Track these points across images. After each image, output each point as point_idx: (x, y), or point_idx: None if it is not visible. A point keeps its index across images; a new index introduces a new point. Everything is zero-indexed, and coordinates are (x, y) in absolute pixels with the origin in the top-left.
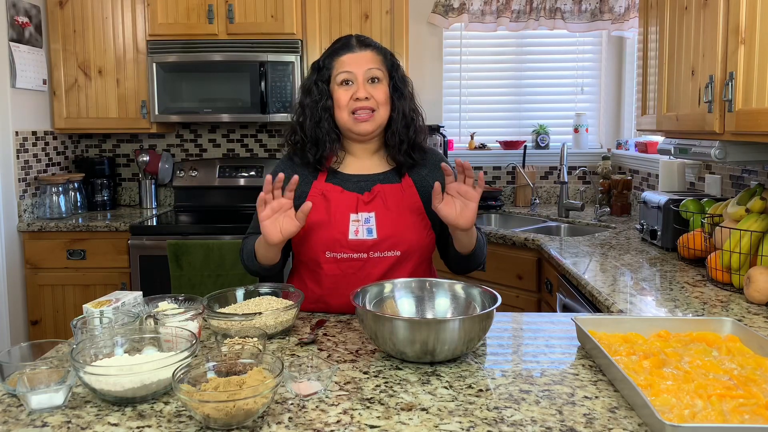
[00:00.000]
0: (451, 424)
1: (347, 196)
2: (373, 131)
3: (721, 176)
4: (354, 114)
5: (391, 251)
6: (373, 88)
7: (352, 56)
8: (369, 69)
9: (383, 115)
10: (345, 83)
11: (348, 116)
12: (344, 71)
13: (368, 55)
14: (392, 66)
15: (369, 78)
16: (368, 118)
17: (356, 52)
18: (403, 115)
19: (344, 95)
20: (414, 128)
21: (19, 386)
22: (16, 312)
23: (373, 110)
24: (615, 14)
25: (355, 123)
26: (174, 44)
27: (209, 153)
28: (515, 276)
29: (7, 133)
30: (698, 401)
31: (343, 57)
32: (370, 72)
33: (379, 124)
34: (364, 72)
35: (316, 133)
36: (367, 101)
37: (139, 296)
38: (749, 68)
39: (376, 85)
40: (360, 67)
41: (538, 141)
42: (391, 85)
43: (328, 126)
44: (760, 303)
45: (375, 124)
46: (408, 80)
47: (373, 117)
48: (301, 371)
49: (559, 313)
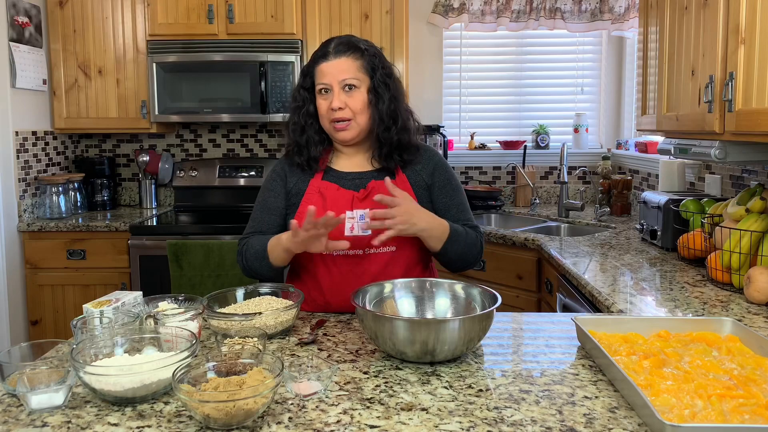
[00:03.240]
0: (451, 424)
1: (343, 193)
2: (353, 138)
3: (721, 176)
4: (333, 123)
5: (386, 247)
6: (349, 97)
7: (327, 65)
8: (343, 79)
9: (361, 122)
10: (322, 92)
11: (329, 125)
12: (321, 81)
13: (343, 63)
14: (373, 69)
15: (344, 86)
16: (346, 127)
17: (331, 60)
18: (380, 119)
19: (323, 104)
20: (396, 130)
21: (19, 386)
22: (16, 312)
23: (350, 119)
24: (615, 14)
25: (334, 131)
26: (174, 44)
27: (209, 153)
28: (515, 276)
29: (7, 133)
30: (698, 401)
31: (321, 66)
32: (345, 81)
33: (358, 132)
34: (338, 81)
35: (301, 138)
36: (342, 111)
37: (139, 296)
38: (749, 68)
39: (352, 93)
40: (334, 76)
41: (538, 141)
42: (371, 89)
43: (312, 131)
44: (760, 303)
45: (353, 132)
46: (392, 81)
47: (350, 125)
48: (301, 371)
49: (559, 313)
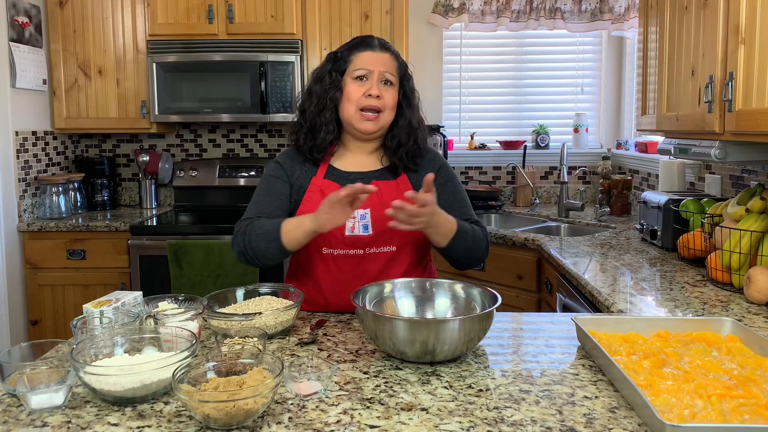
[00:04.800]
0: (451, 424)
1: None
2: (375, 132)
3: (721, 176)
4: (362, 111)
5: (386, 247)
6: (385, 90)
7: (372, 54)
8: (385, 71)
9: (387, 118)
10: (360, 79)
11: (355, 111)
12: (362, 67)
13: (386, 57)
14: (404, 75)
15: (383, 80)
16: (374, 118)
17: (376, 51)
18: (409, 124)
19: (357, 90)
20: (415, 138)
21: (19, 386)
22: (16, 312)
23: (380, 111)
24: (615, 14)
25: (360, 120)
26: (174, 44)
27: (209, 153)
28: (515, 276)
29: (7, 133)
30: (698, 401)
31: (363, 53)
32: (385, 74)
33: (381, 126)
34: (380, 72)
35: (316, 120)
36: (378, 100)
37: (139, 296)
38: (749, 68)
39: (388, 88)
40: (378, 66)
41: (538, 141)
42: (401, 93)
43: (329, 116)
44: (760, 303)
45: (378, 125)
46: (416, 92)
47: (378, 118)
48: (301, 371)
49: (559, 313)
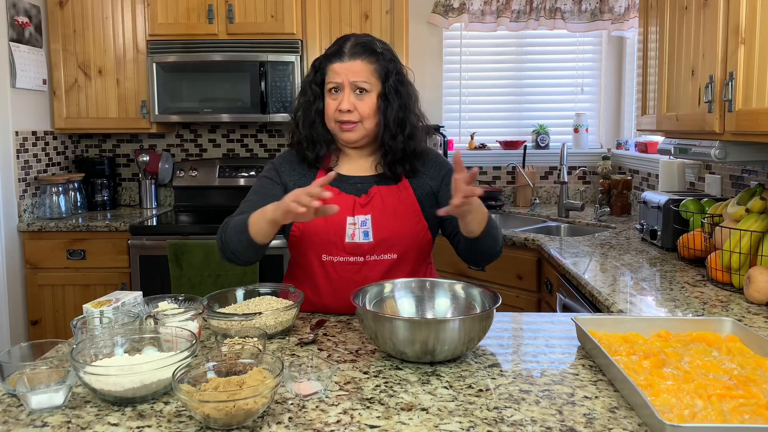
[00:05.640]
0: (451, 424)
1: (344, 198)
2: (358, 140)
3: (721, 176)
4: (339, 123)
5: (387, 254)
6: (359, 100)
7: (340, 66)
8: (356, 80)
9: (369, 126)
10: (333, 91)
11: (334, 124)
12: (332, 80)
13: (357, 65)
14: (386, 74)
15: (356, 89)
16: (352, 128)
17: (345, 61)
18: (386, 126)
19: (331, 104)
20: (402, 138)
21: (19, 386)
22: (16, 312)
23: (357, 122)
24: (615, 14)
25: (340, 131)
26: (174, 44)
27: (209, 153)
28: (515, 276)
29: (7, 133)
30: (698, 401)
31: (334, 65)
32: (357, 83)
33: (363, 135)
34: (350, 83)
35: (311, 133)
36: (350, 114)
37: (139, 296)
38: (749, 68)
39: (362, 96)
40: (346, 77)
41: (538, 141)
42: (381, 95)
43: (321, 128)
44: (760, 303)
45: (359, 135)
46: (405, 87)
47: (357, 128)
48: (301, 371)
49: (559, 313)
